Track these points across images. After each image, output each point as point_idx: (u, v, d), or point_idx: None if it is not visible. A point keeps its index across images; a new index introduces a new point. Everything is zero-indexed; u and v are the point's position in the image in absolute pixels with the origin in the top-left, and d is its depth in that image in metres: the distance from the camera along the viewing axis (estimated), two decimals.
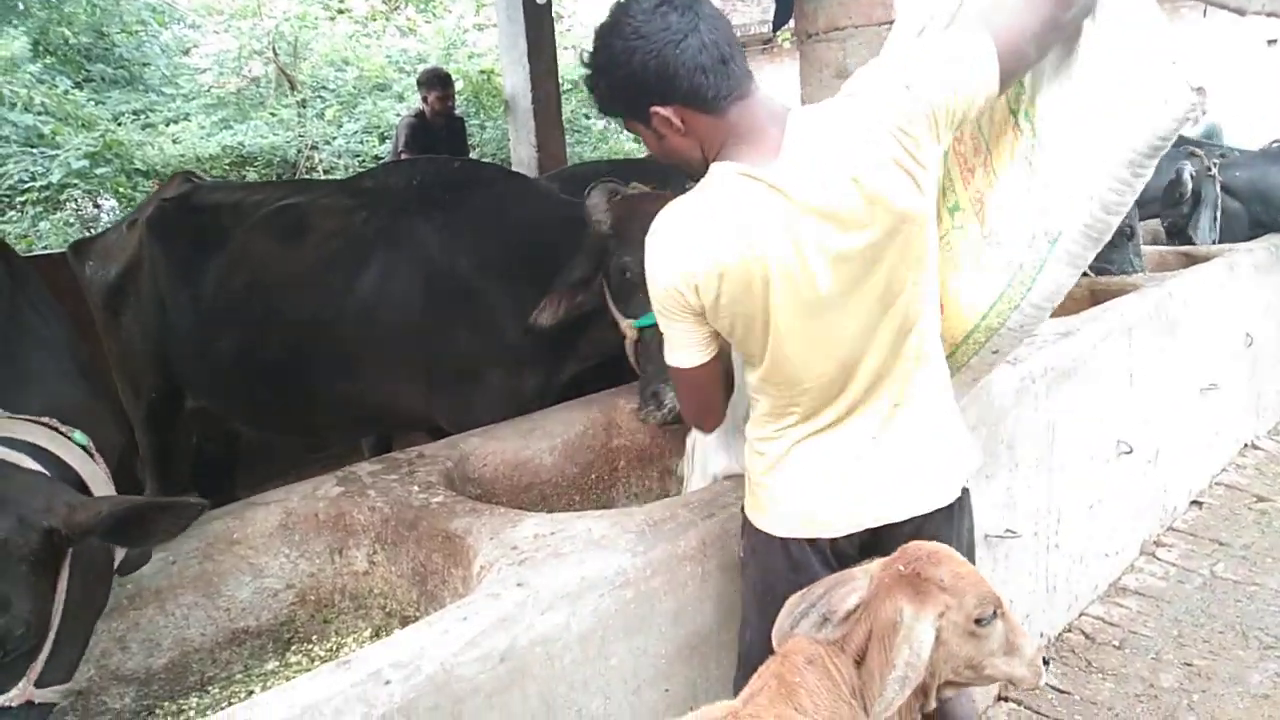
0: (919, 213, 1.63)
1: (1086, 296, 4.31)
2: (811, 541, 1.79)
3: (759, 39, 16.43)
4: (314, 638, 2.35)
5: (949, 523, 1.82)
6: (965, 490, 1.87)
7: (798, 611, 1.59)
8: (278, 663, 2.28)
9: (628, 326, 2.75)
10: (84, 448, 1.81)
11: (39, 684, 1.53)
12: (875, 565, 1.62)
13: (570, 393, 3.18)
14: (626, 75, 1.61)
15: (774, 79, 12.14)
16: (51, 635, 1.55)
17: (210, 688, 2.21)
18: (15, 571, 1.48)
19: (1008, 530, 2.94)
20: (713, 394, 1.87)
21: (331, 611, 2.39)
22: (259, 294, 3.18)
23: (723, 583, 2.10)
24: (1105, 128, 1.65)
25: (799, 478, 1.79)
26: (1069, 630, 3.40)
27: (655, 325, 2.62)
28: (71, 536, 1.54)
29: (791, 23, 3.43)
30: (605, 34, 1.63)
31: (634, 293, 2.71)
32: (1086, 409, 3.35)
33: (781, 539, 1.81)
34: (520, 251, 3.08)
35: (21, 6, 8.38)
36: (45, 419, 1.78)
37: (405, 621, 2.26)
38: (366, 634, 2.34)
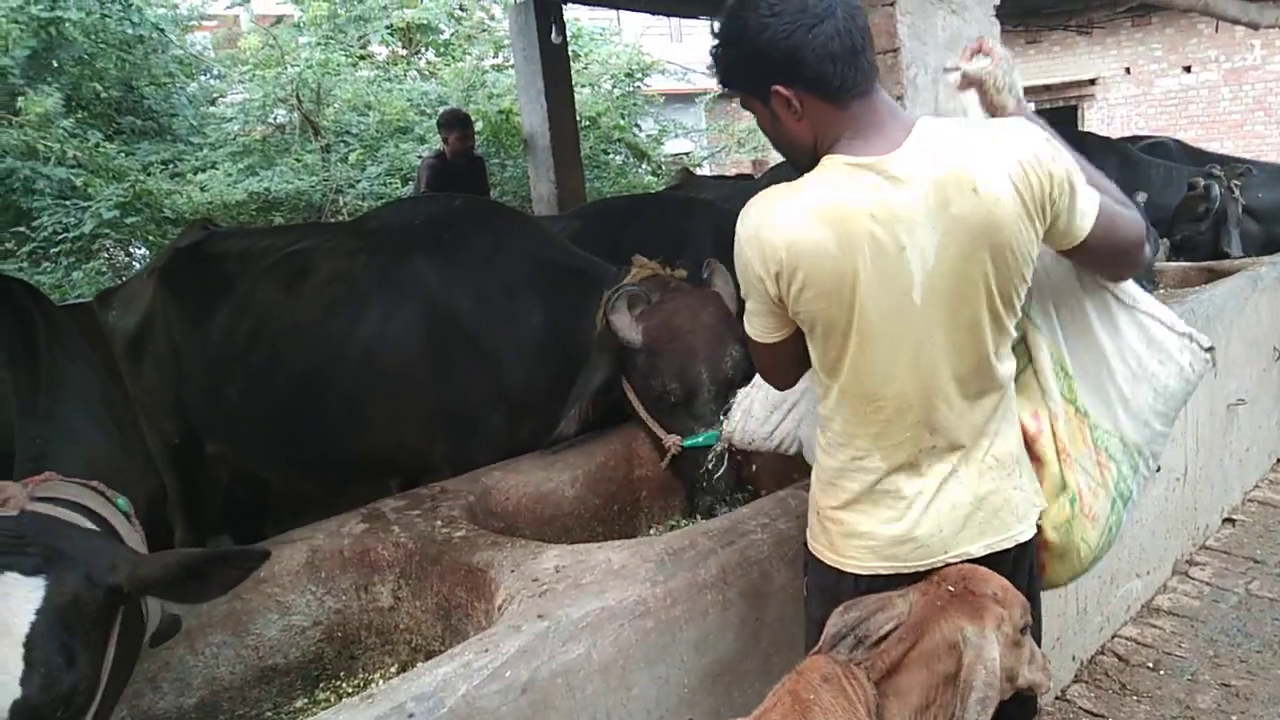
0: (1021, 247, 1.58)
1: None
2: (887, 576, 1.72)
3: None
4: (342, 674, 2.38)
5: (1022, 559, 1.77)
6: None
7: (833, 634, 1.59)
8: (306, 700, 2.30)
9: (673, 444, 2.74)
10: (125, 513, 1.87)
11: None
12: (914, 589, 1.63)
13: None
14: (754, 50, 1.57)
15: None
16: (100, 692, 1.58)
17: None
18: (83, 628, 1.53)
19: None
20: (789, 365, 1.81)
21: (358, 648, 2.42)
22: (264, 340, 3.19)
23: (744, 610, 2.10)
24: (1137, 393, 1.93)
25: (877, 513, 1.71)
26: (1101, 653, 3.36)
27: (704, 444, 2.66)
28: (131, 592, 1.59)
29: None
30: (739, 6, 1.59)
31: (679, 412, 2.74)
32: None
33: (854, 575, 1.73)
34: (518, 293, 3.07)
35: (55, 64, 8.65)
36: (93, 483, 1.83)
37: (431, 656, 2.27)
38: (393, 669, 2.36)
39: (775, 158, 9.11)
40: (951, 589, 1.57)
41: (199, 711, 2.20)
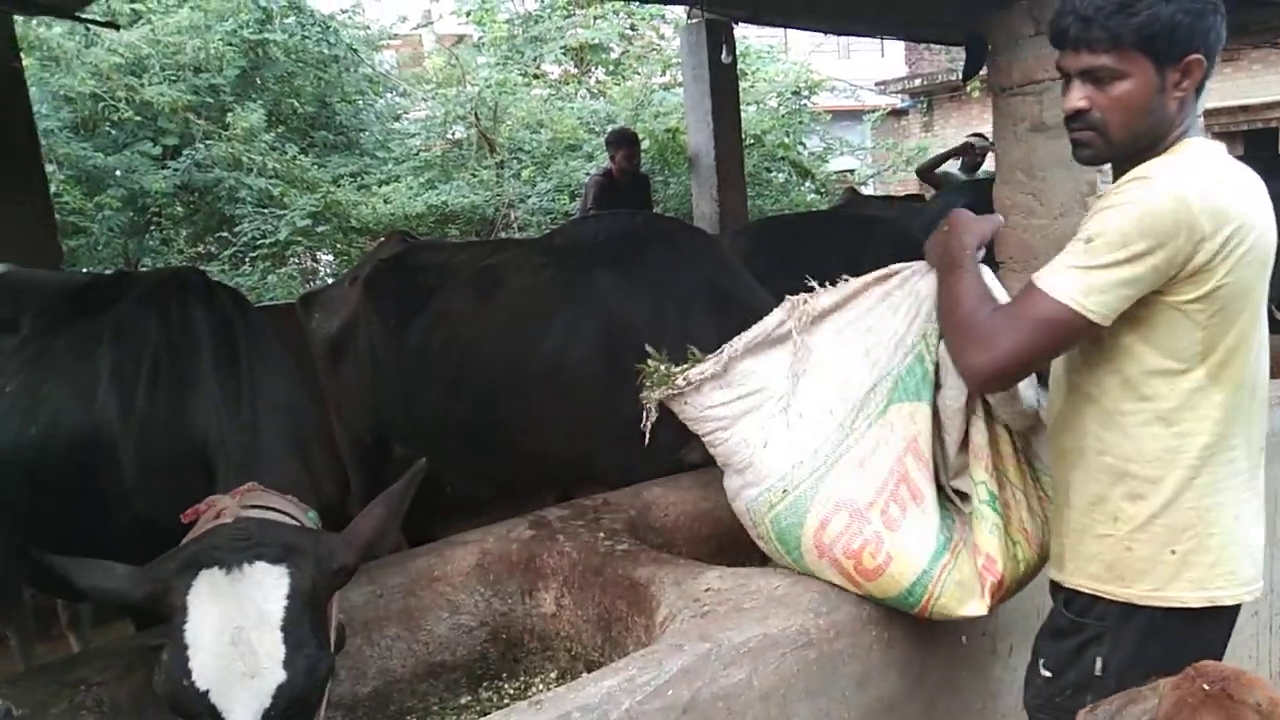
0: None
1: None
2: (1227, 610, 1.66)
3: (947, 86, 16.13)
4: (504, 675, 2.46)
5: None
6: None
7: None
8: (470, 697, 2.40)
9: None
10: (314, 526, 1.98)
11: None
12: (1165, 683, 1.51)
13: None
14: (1196, 16, 1.57)
15: (961, 127, 11.84)
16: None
17: (409, 718, 2.35)
18: (320, 613, 1.65)
19: None
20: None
21: (521, 650, 2.50)
22: (455, 349, 3.37)
23: (908, 651, 2.05)
24: None
25: (1252, 518, 1.66)
26: None
27: None
28: (350, 571, 1.72)
29: (984, 72, 3.38)
30: None
31: None
32: None
33: (1196, 610, 1.64)
34: (692, 313, 3.11)
35: (259, 82, 9.37)
36: (290, 496, 1.96)
37: (590, 665, 2.33)
38: (553, 675, 2.42)
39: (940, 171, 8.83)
40: (1207, 688, 1.42)
41: (372, 700, 2.33)
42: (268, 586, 1.58)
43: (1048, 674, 1.77)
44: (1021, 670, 2.30)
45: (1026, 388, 1.90)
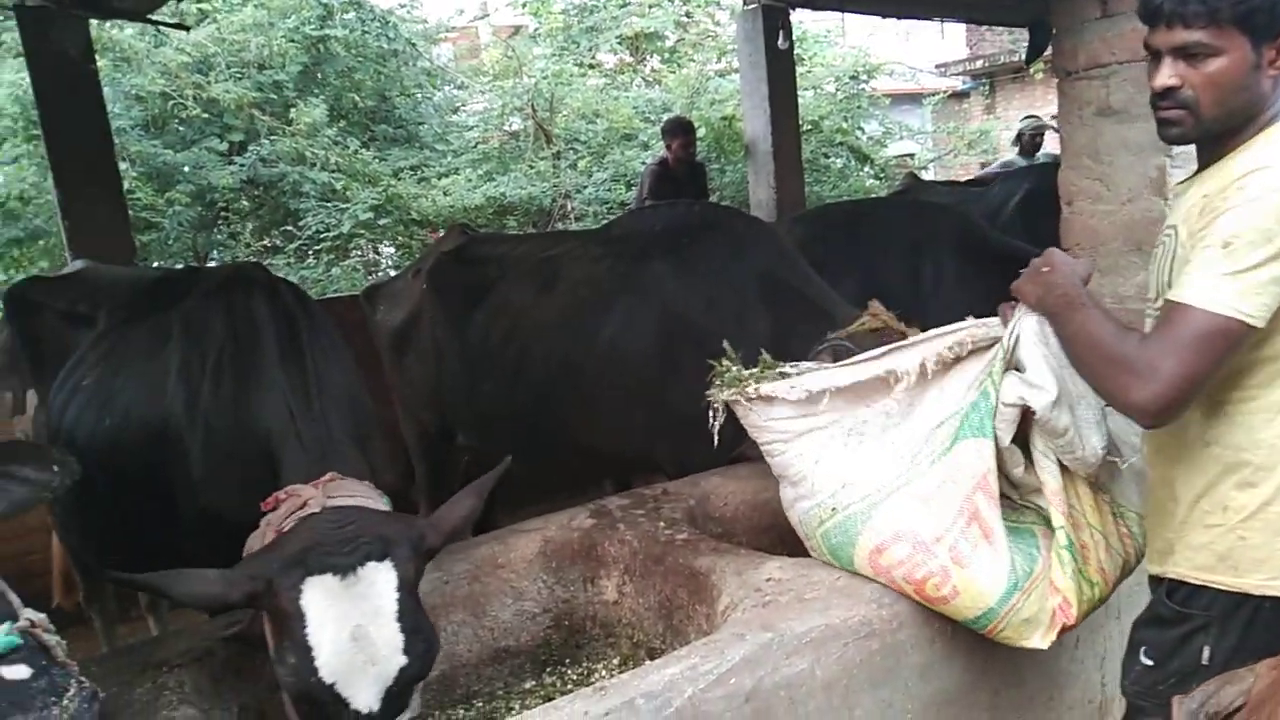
0: None
1: None
2: None
3: (1009, 68, 15.77)
4: (567, 661, 2.50)
5: None
6: None
7: (1188, 710, 1.48)
8: (534, 682, 2.44)
9: None
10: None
11: None
12: (1263, 664, 1.49)
13: None
14: None
15: (1024, 110, 11.59)
16: None
17: (475, 701, 2.40)
18: (418, 595, 1.73)
19: None
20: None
21: (583, 637, 2.53)
22: (515, 341, 3.42)
23: (971, 641, 2.04)
24: None
25: None
26: None
27: None
28: (435, 554, 1.83)
29: (1047, 53, 3.30)
30: None
31: None
32: None
33: None
34: (749, 303, 3.11)
35: (320, 77, 9.55)
36: (365, 482, 2.01)
37: (652, 653, 2.35)
38: (615, 662, 2.45)
39: (998, 159, 8.65)
40: None
41: (439, 684, 2.38)
42: (379, 584, 1.67)
43: (1149, 662, 1.75)
44: (1088, 662, 2.28)
45: (1091, 434, 1.86)
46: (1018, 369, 1.87)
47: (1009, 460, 1.96)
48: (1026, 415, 1.87)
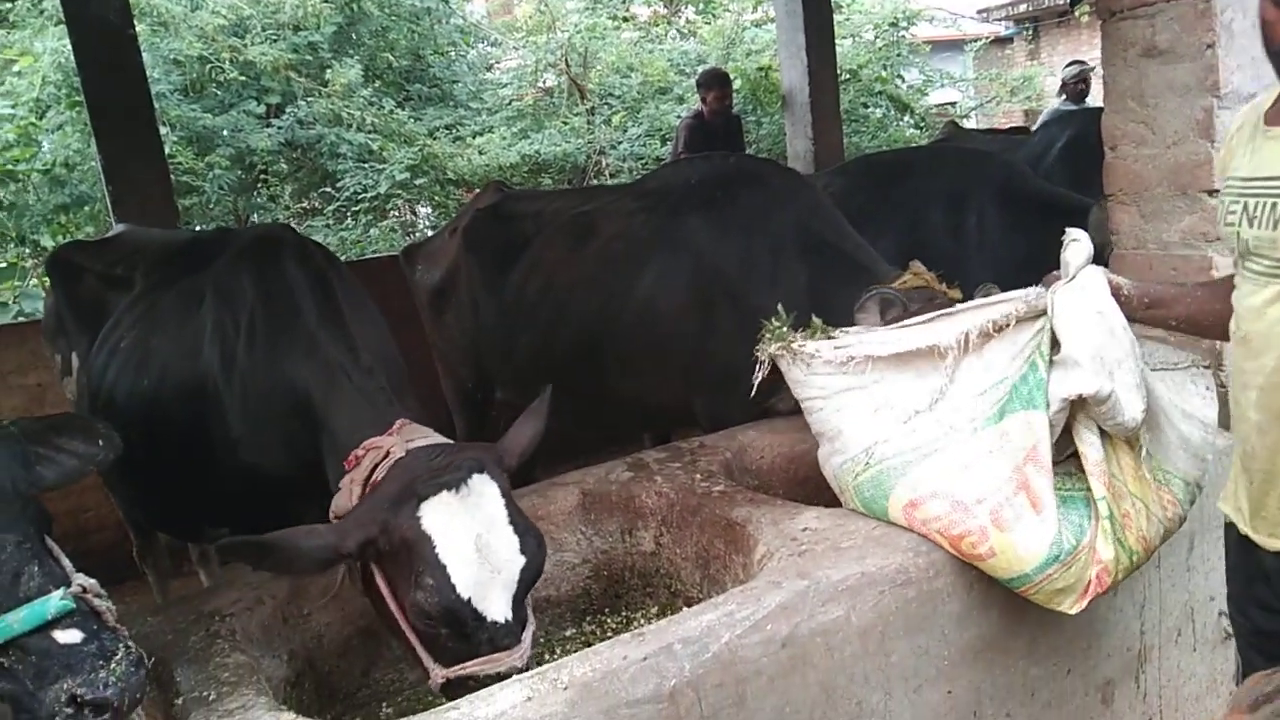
0: None
1: None
2: None
3: (1054, 12, 15.34)
4: (606, 610, 2.54)
5: None
6: None
7: (1260, 694, 1.47)
8: (574, 630, 2.49)
9: None
10: None
11: None
12: None
13: None
14: None
15: (1069, 55, 11.27)
16: None
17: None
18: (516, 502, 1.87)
19: None
20: None
21: (622, 587, 2.57)
22: (551, 296, 3.44)
23: (1008, 590, 2.04)
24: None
25: None
26: None
27: None
28: (513, 471, 1.97)
29: None
30: None
31: None
32: None
33: None
34: (784, 256, 3.08)
35: (355, 38, 9.55)
36: (426, 427, 2.06)
37: (689, 602, 2.38)
38: (653, 611, 2.49)
39: (1046, 108, 8.44)
40: None
41: None
42: (488, 494, 1.80)
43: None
44: (1128, 610, 2.28)
45: (1133, 398, 1.84)
46: (1056, 342, 1.88)
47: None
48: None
